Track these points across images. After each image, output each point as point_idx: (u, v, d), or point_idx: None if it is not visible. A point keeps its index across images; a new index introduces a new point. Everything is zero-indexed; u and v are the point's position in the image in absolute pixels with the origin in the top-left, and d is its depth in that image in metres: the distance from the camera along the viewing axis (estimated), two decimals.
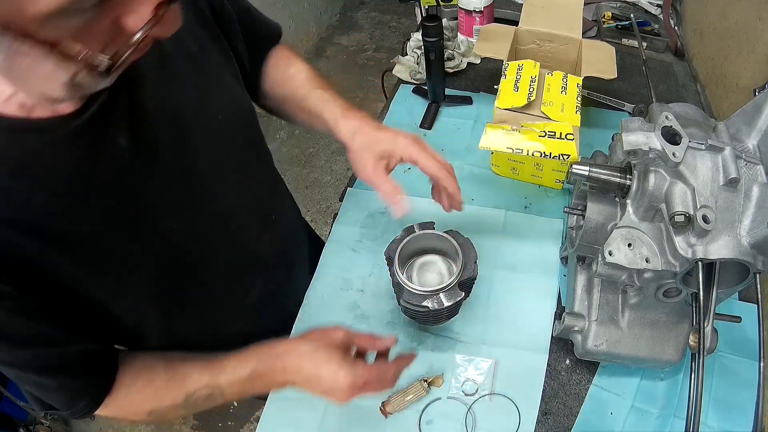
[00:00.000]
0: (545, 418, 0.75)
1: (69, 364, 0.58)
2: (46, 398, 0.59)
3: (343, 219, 1.01)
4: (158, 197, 0.59)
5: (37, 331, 0.53)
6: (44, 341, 0.54)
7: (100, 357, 0.62)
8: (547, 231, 0.95)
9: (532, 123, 0.89)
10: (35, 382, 0.57)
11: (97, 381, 0.61)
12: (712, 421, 0.74)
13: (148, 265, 0.61)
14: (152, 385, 0.64)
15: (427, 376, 0.78)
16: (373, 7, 3.59)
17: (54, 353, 0.56)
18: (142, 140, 0.56)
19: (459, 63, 1.26)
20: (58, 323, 0.55)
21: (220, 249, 0.71)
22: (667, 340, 0.71)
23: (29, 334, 0.53)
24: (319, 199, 2.45)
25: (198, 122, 0.63)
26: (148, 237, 0.59)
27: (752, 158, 0.57)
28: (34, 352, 0.54)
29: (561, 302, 0.86)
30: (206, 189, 0.66)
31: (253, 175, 0.76)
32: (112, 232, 0.56)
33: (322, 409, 0.78)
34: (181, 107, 0.61)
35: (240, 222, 0.74)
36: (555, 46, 1.08)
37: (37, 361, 0.55)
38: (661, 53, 1.34)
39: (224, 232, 0.70)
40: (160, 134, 0.58)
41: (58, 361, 0.57)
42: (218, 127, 0.66)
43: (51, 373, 0.57)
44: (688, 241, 0.57)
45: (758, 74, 1.00)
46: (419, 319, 0.79)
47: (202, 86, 0.64)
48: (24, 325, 0.52)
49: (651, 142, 0.57)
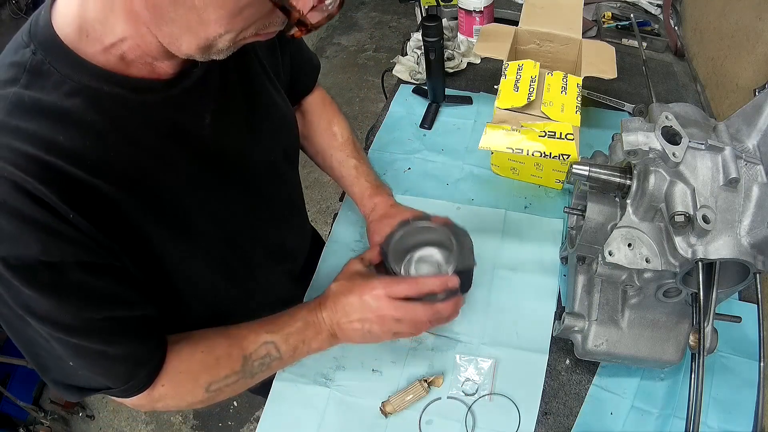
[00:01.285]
0: (545, 418, 0.75)
1: (136, 331, 0.58)
2: (102, 374, 0.57)
3: (343, 219, 1.01)
4: (225, 175, 0.65)
5: (112, 292, 0.54)
6: (118, 303, 0.55)
7: (159, 325, 0.62)
8: (547, 231, 0.95)
9: (532, 123, 0.89)
10: (98, 353, 0.55)
11: (156, 349, 0.61)
12: (712, 421, 0.74)
13: (212, 235, 0.65)
14: (213, 353, 0.64)
15: (427, 376, 0.78)
16: (373, 7, 3.59)
17: (124, 317, 0.56)
18: (222, 123, 0.62)
19: (459, 63, 1.26)
20: (131, 285, 0.56)
21: (263, 233, 0.77)
22: (667, 340, 0.71)
23: (105, 293, 0.53)
24: (319, 199, 2.45)
25: (263, 118, 0.70)
26: (214, 207, 0.64)
27: (752, 158, 0.57)
28: (107, 314, 0.54)
29: (561, 302, 0.86)
30: (258, 176, 0.72)
31: (287, 173, 0.82)
32: (188, 198, 0.60)
33: (322, 409, 0.78)
34: (254, 102, 0.68)
35: (279, 210, 0.80)
36: (555, 46, 1.08)
37: (108, 325, 0.54)
38: (661, 53, 1.34)
39: (267, 218, 0.77)
40: (235, 121, 0.65)
41: (126, 325, 0.56)
42: (276, 124, 0.74)
43: (118, 339, 0.56)
44: (688, 241, 0.57)
45: (758, 74, 1.00)
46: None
47: (267, 83, 0.71)
48: (101, 285, 0.52)
49: (651, 142, 0.57)
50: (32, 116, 0.47)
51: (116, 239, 0.52)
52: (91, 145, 0.49)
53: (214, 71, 0.60)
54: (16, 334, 0.54)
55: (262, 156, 0.72)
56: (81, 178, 0.49)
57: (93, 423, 1.93)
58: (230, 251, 0.70)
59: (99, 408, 1.97)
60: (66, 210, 0.47)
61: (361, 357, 0.82)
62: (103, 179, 0.50)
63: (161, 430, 1.90)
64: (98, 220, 0.50)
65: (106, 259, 0.52)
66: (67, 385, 0.59)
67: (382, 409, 0.76)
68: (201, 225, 0.63)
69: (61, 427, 1.88)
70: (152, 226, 0.56)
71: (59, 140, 0.47)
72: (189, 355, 0.64)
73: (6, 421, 1.81)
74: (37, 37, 0.48)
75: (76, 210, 0.48)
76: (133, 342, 0.58)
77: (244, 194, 0.70)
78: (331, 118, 0.92)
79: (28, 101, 0.47)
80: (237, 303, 0.78)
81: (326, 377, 0.80)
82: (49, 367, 0.57)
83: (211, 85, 0.60)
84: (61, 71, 0.48)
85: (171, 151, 0.57)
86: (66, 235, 0.48)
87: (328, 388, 0.79)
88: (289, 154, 0.81)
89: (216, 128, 0.61)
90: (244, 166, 0.68)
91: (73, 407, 1.93)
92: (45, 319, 0.50)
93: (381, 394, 0.78)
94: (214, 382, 0.64)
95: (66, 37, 0.48)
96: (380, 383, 0.79)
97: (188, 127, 0.58)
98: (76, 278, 0.50)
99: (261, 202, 0.74)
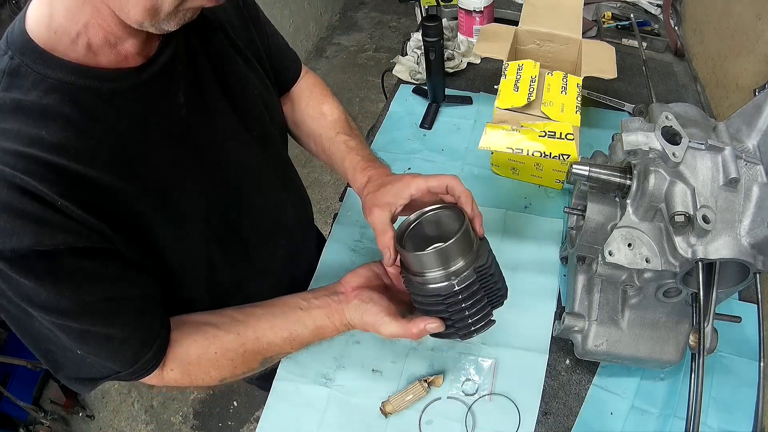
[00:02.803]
0: (545, 418, 0.75)
1: (138, 311, 0.59)
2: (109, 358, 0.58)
3: (343, 219, 1.01)
4: (210, 154, 0.66)
5: (110, 274, 0.55)
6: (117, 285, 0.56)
7: (159, 305, 0.63)
8: (547, 231, 0.95)
9: (532, 123, 0.89)
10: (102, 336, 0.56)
11: (160, 327, 0.62)
12: (712, 421, 0.74)
13: (202, 217, 0.66)
14: (227, 356, 0.65)
15: (427, 376, 0.78)
16: (373, 7, 3.59)
17: (125, 298, 0.57)
18: (197, 102, 0.64)
19: (459, 63, 1.26)
20: (129, 267, 0.57)
21: (255, 210, 0.76)
22: (667, 340, 0.71)
23: (103, 277, 0.54)
24: (319, 199, 2.45)
25: (240, 95, 0.70)
26: (203, 186, 0.65)
27: (752, 158, 0.57)
28: (107, 296, 0.55)
29: (561, 302, 0.86)
30: (243, 152, 0.72)
31: (275, 144, 0.81)
32: (174, 179, 0.61)
33: (322, 409, 0.78)
34: (228, 80, 0.68)
35: (269, 186, 0.80)
36: (555, 46, 1.08)
37: (109, 307, 0.56)
38: (661, 53, 1.34)
39: (258, 195, 0.76)
40: (210, 99, 0.66)
41: (126, 306, 0.58)
42: (254, 101, 0.74)
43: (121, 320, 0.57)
44: (688, 241, 0.57)
45: (758, 74, 1.00)
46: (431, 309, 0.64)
47: (240, 62, 0.71)
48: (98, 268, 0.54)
49: (651, 142, 0.57)
50: (15, 117, 0.49)
51: (107, 222, 0.54)
52: (73, 136, 0.51)
53: (181, 54, 0.61)
54: (24, 331, 0.56)
55: (244, 131, 0.72)
56: (67, 166, 0.50)
57: (93, 423, 1.93)
58: (224, 231, 0.71)
59: (99, 408, 1.97)
60: (54, 198, 0.49)
61: (361, 357, 0.82)
62: (88, 166, 0.52)
63: (161, 430, 1.90)
64: (87, 204, 0.52)
65: (99, 243, 0.53)
66: (80, 379, 0.60)
67: (382, 409, 0.76)
68: (189, 206, 0.64)
69: (61, 427, 1.88)
70: (143, 209, 0.57)
71: (42, 135, 0.50)
72: (202, 349, 0.64)
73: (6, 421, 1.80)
74: (13, 43, 0.51)
75: (65, 197, 0.50)
76: (136, 322, 0.59)
77: (230, 171, 0.70)
78: (321, 99, 0.89)
79: (10, 103, 0.50)
80: (236, 284, 0.78)
81: (326, 377, 0.80)
82: (60, 363, 0.59)
83: (179, 67, 0.61)
84: (38, 71, 0.50)
85: (150, 136, 0.58)
86: (56, 223, 0.49)
87: (328, 388, 0.79)
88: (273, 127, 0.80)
89: (191, 107, 0.63)
90: (226, 142, 0.69)
91: (73, 407, 1.92)
92: (45, 308, 0.52)
93: (381, 394, 0.78)
94: (227, 377, 0.67)
95: (39, 39, 0.51)
96: (380, 383, 0.79)
97: (163, 110, 0.60)
98: (71, 264, 0.51)
99: (248, 177, 0.73)
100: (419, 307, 0.65)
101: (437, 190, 0.66)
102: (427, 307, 0.64)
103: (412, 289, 0.63)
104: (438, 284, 0.61)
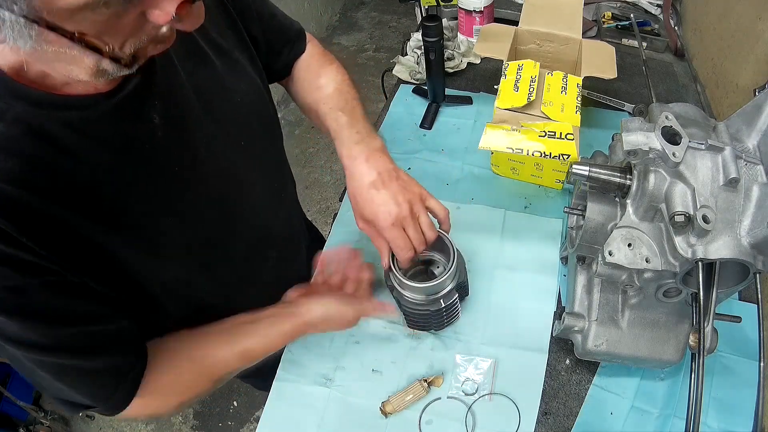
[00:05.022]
0: (545, 418, 0.75)
1: (111, 343, 0.58)
2: (86, 392, 0.58)
3: (343, 219, 1.01)
4: (190, 172, 0.63)
5: (81, 308, 0.54)
6: (88, 318, 0.55)
7: (135, 335, 0.61)
8: (547, 231, 0.95)
9: (532, 123, 0.89)
10: (77, 370, 0.56)
11: (135, 361, 0.61)
12: (712, 421, 0.74)
13: (182, 240, 0.64)
14: (180, 379, 0.65)
15: (427, 376, 0.78)
16: (373, 7, 3.59)
17: (98, 331, 0.56)
18: (174, 120, 0.60)
19: (459, 63, 1.26)
20: (100, 300, 0.56)
21: (242, 223, 0.74)
22: (667, 340, 0.71)
23: (74, 310, 0.53)
24: (319, 199, 2.45)
25: (220, 103, 0.67)
26: (182, 211, 0.63)
27: (752, 158, 0.57)
28: (78, 330, 0.54)
29: (561, 302, 0.86)
30: (229, 165, 0.69)
31: (266, 152, 0.79)
32: (151, 206, 0.58)
33: (322, 409, 0.78)
34: (205, 89, 0.65)
35: (257, 197, 0.77)
36: (555, 46, 1.08)
37: (82, 341, 0.54)
38: (661, 53, 1.34)
39: (245, 207, 0.74)
40: (188, 114, 0.62)
41: (101, 340, 0.56)
42: (237, 107, 0.70)
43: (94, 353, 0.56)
44: (688, 241, 0.57)
45: (758, 74, 1.00)
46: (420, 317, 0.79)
47: (222, 69, 0.68)
48: (68, 302, 0.52)
49: (651, 142, 0.57)
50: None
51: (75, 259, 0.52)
52: (40, 172, 0.49)
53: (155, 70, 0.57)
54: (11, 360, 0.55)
55: (227, 140, 0.68)
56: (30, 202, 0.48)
57: (93, 423, 1.93)
58: (207, 253, 0.69)
59: None
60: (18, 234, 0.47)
61: (361, 357, 0.82)
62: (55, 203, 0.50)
63: (161, 430, 1.90)
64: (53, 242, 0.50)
65: (67, 277, 0.52)
66: (64, 401, 0.60)
67: (382, 409, 0.76)
68: (167, 236, 0.61)
69: (61, 427, 1.88)
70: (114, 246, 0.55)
71: (8, 167, 0.47)
72: (158, 375, 0.63)
73: (6, 421, 1.80)
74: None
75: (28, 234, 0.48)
76: (112, 356, 0.58)
77: (212, 189, 0.67)
78: (319, 70, 0.86)
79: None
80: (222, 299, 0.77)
81: (326, 377, 0.80)
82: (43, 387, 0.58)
83: (154, 83, 0.57)
84: (4, 100, 0.47)
85: (124, 163, 0.55)
86: (23, 259, 0.48)
87: (328, 388, 0.79)
88: (263, 130, 0.77)
89: (169, 128, 0.59)
90: (209, 158, 0.65)
91: None
92: (17, 342, 0.51)
93: (381, 394, 0.78)
94: (183, 402, 0.66)
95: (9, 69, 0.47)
96: (380, 383, 0.79)
97: (139, 135, 0.56)
98: (40, 298, 0.50)
99: (233, 190, 0.71)
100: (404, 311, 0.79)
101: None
102: (413, 316, 0.78)
103: (401, 302, 0.75)
104: (428, 306, 0.74)
